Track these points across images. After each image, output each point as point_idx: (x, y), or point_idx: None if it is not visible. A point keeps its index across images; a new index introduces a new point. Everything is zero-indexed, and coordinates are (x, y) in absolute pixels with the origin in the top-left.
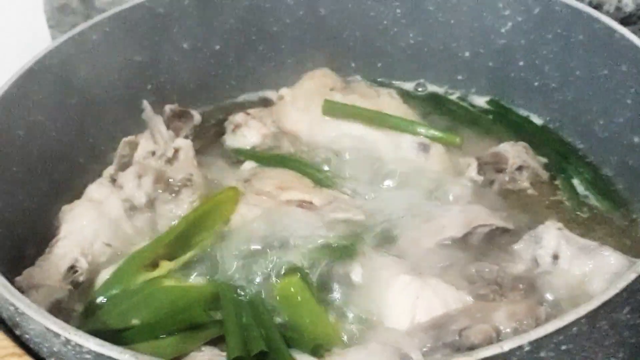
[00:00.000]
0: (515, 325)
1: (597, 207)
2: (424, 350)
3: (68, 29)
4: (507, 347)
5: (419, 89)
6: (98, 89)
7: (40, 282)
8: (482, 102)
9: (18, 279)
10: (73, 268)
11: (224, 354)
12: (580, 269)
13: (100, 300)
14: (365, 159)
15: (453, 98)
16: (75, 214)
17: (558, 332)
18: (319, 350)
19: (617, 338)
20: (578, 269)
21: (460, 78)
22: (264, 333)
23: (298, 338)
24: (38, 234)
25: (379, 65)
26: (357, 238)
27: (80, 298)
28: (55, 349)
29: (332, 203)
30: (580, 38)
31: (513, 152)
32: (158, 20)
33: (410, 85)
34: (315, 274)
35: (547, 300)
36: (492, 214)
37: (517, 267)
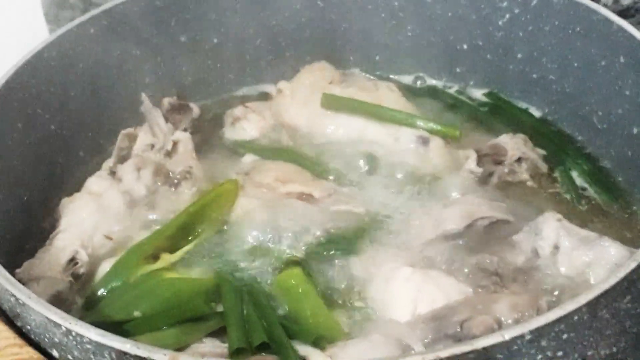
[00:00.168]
0: (517, 317)
1: (596, 198)
2: (426, 342)
3: (66, 24)
4: (508, 335)
5: (418, 82)
6: (97, 82)
7: (41, 274)
8: (480, 94)
9: (18, 271)
10: (73, 260)
11: (226, 346)
12: (581, 260)
13: (101, 293)
14: (365, 152)
15: (451, 91)
16: (75, 207)
17: (559, 320)
18: (321, 342)
19: (617, 327)
20: (578, 260)
21: (459, 71)
22: (266, 325)
23: (299, 330)
24: (38, 227)
25: (378, 59)
26: (357, 230)
27: (81, 290)
28: (57, 340)
29: (331, 195)
30: (578, 30)
31: (512, 144)
32: (156, 14)
33: (409, 79)
34: (317, 266)
35: (547, 291)
36: (492, 206)
37: (517, 258)
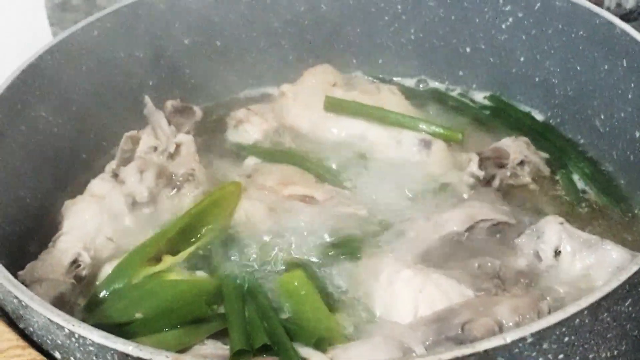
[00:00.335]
0: (518, 320)
1: (597, 202)
2: (427, 344)
3: (69, 26)
4: (509, 338)
5: (420, 85)
6: (100, 85)
7: (44, 276)
8: (483, 97)
9: (21, 273)
10: (76, 262)
11: (227, 347)
12: (582, 263)
13: (103, 295)
14: (367, 155)
15: (454, 94)
16: (78, 209)
17: (560, 323)
18: (322, 344)
19: (619, 330)
20: (580, 263)
21: (462, 74)
22: (267, 327)
23: (301, 332)
24: (41, 229)
25: (380, 62)
26: (359, 232)
27: (83, 292)
28: (59, 342)
29: (334, 198)
30: (581, 33)
31: (514, 147)
32: (159, 16)
33: (412, 82)
34: (318, 268)
35: (549, 294)
36: (494, 209)
37: (519, 261)
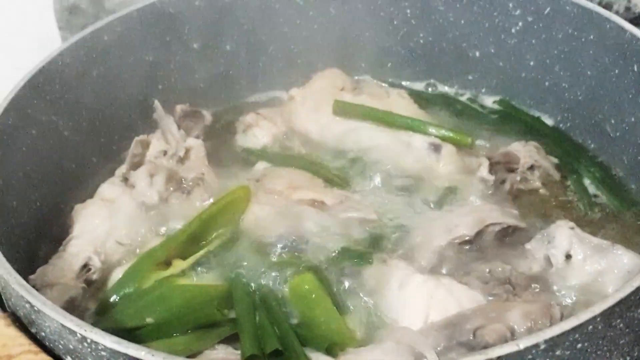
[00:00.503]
0: (530, 325)
1: (608, 206)
2: (438, 350)
3: (78, 30)
4: (522, 345)
5: (429, 89)
6: (110, 89)
7: (54, 280)
8: (492, 102)
9: (32, 277)
10: (86, 266)
11: (238, 352)
12: (593, 268)
13: (114, 299)
14: (376, 159)
15: (463, 98)
16: (88, 213)
17: (574, 330)
18: (333, 349)
19: (632, 336)
20: (591, 268)
21: (471, 78)
22: (278, 331)
23: (312, 337)
24: (51, 233)
25: (389, 65)
26: (369, 237)
27: (93, 296)
28: (71, 347)
29: (343, 202)
30: (591, 38)
31: (524, 151)
32: (169, 21)
33: (421, 86)
34: (329, 273)
35: (560, 300)
36: (503, 213)
37: (530, 266)
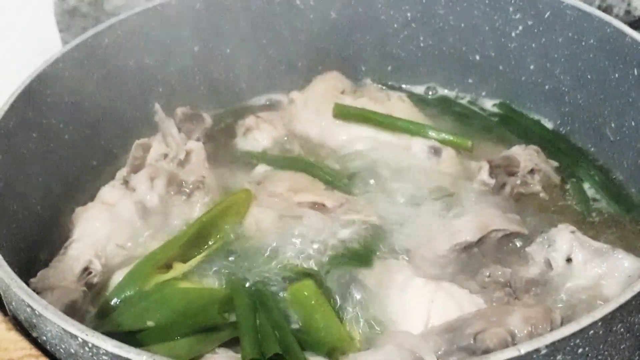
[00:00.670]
0: (531, 329)
1: (608, 210)
2: (439, 354)
3: (78, 33)
4: (524, 350)
5: (430, 93)
6: (110, 92)
7: (55, 283)
8: (492, 105)
9: (33, 281)
10: (87, 270)
11: (239, 356)
12: (594, 272)
13: (115, 302)
14: (376, 162)
15: (463, 101)
16: (89, 216)
17: (574, 335)
18: (334, 354)
19: (632, 341)
20: (591, 272)
21: (471, 81)
22: (279, 336)
23: (312, 341)
24: (52, 236)
25: (389, 69)
26: (370, 240)
27: (94, 300)
28: (73, 351)
29: (343, 205)
30: (592, 42)
31: (525, 155)
32: (169, 24)
33: (421, 89)
34: (329, 277)
35: (560, 304)
36: (506, 218)
37: (530, 270)
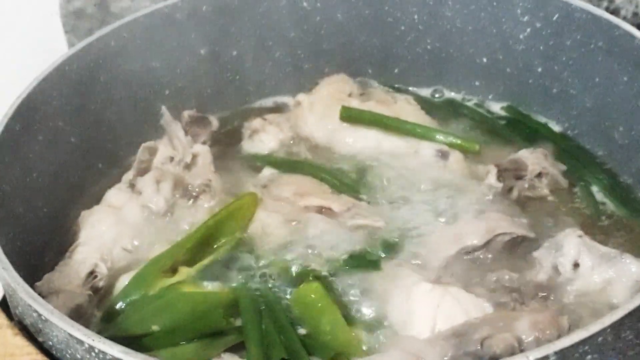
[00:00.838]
0: (538, 335)
1: (616, 214)
2: (445, 359)
3: (84, 35)
4: (532, 357)
5: (436, 95)
6: (116, 95)
7: (61, 287)
8: (499, 108)
9: (38, 285)
10: (92, 273)
11: None
12: (602, 277)
13: (120, 306)
14: (383, 166)
15: (470, 104)
16: (95, 220)
17: (583, 342)
18: (340, 358)
19: None
20: (599, 277)
21: (478, 84)
22: (284, 340)
23: (318, 346)
24: (57, 240)
25: (396, 71)
26: (376, 245)
27: (100, 303)
28: (79, 356)
29: (350, 209)
30: (600, 44)
31: (532, 158)
32: (176, 26)
33: (428, 92)
34: (336, 281)
35: (568, 309)
36: (513, 222)
37: (537, 275)
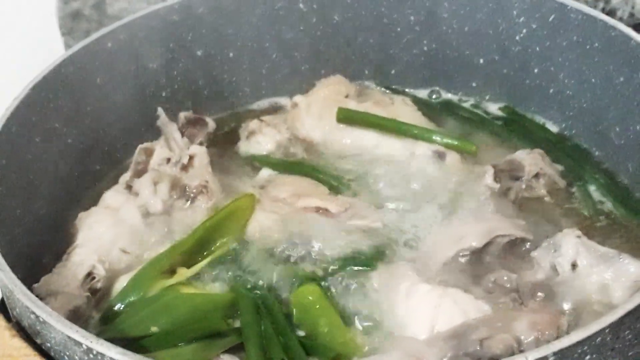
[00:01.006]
0: (537, 335)
1: (614, 214)
2: None
3: (81, 36)
4: (531, 357)
5: (433, 96)
6: (113, 96)
7: (58, 289)
8: (496, 109)
9: (36, 286)
10: (90, 275)
11: None
12: (600, 277)
13: (118, 308)
14: (380, 167)
15: (467, 105)
16: (92, 221)
17: (582, 342)
18: (339, 359)
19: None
20: (597, 277)
21: (475, 85)
22: (283, 341)
23: (317, 347)
24: (55, 241)
25: (393, 73)
26: (374, 246)
27: (98, 305)
28: (77, 357)
29: (348, 210)
30: (596, 45)
31: (529, 159)
32: (172, 28)
33: (424, 93)
34: (334, 282)
35: (566, 309)
36: (511, 224)
37: (535, 275)
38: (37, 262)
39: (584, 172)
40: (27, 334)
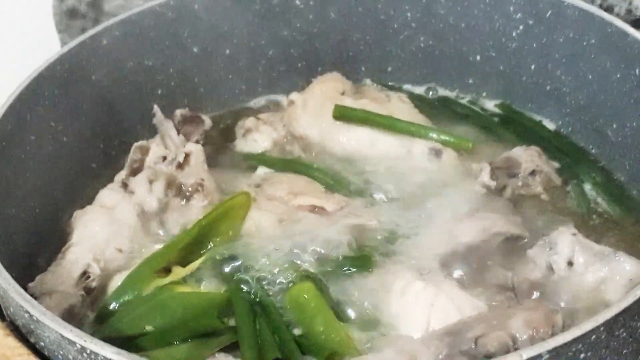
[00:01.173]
0: (532, 333)
1: (610, 212)
2: (440, 358)
3: (77, 34)
4: (525, 355)
5: (430, 93)
6: (109, 94)
7: (53, 288)
8: (493, 105)
9: (31, 285)
10: (85, 274)
11: None
12: (595, 275)
13: (113, 307)
14: (376, 164)
15: (464, 102)
16: (87, 220)
17: (576, 340)
18: (334, 358)
19: (635, 346)
20: (593, 275)
21: (471, 82)
22: (278, 340)
23: (312, 345)
24: (50, 240)
25: (390, 69)
26: (370, 244)
27: (93, 304)
28: (71, 357)
29: (343, 208)
30: (593, 42)
31: (526, 156)
32: (168, 25)
33: (421, 89)
34: (329, 280)
35: (561, 307)
36: (507, 221)
37: (531, 273)
38: (32, 261)
39: (581, 169)
40: (21, 334)
